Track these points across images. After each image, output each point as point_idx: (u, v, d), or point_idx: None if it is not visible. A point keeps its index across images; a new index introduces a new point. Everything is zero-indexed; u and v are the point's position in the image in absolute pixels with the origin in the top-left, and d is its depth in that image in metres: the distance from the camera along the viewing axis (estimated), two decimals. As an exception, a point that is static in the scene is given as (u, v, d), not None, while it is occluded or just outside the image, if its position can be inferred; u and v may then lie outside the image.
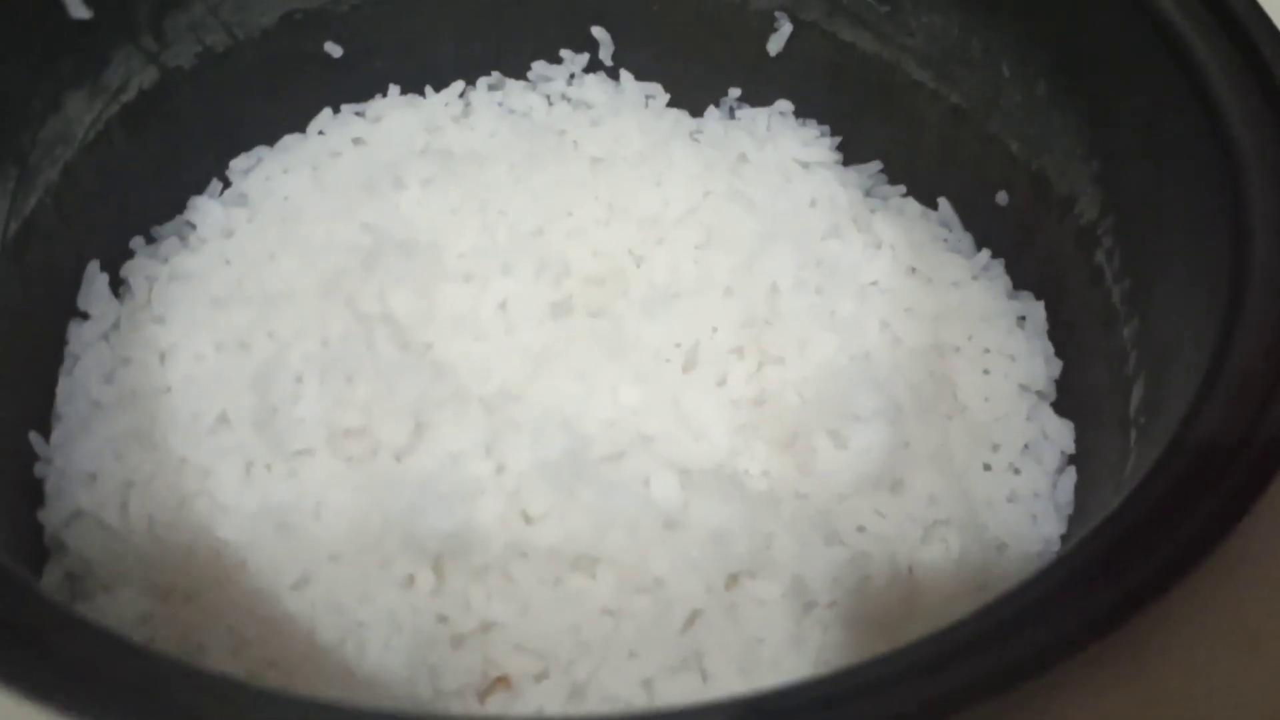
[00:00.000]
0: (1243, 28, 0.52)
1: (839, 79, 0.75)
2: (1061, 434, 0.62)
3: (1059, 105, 0.63)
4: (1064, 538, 0.59)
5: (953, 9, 0.67)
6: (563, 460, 0.57)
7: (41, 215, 0.61)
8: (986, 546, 0.59)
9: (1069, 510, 0.60)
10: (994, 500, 0.61)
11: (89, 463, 0.59)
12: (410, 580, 0.56)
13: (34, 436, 0.60)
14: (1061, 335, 0.66)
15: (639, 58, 0.79)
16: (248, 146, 0.75)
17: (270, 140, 0.76)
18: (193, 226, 0.72)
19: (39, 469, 0.60)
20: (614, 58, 0.79)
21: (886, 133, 0.75)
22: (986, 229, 0.72)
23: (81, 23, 0.61)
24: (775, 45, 0.76)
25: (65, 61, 0.61)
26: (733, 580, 0.55)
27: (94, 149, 0.64)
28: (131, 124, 0.66)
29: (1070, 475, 0.61)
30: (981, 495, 0.61)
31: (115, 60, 0.64)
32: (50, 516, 0.59)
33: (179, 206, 0.72)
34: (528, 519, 0.56)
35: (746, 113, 0.79)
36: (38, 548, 0.58)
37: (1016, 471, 0.62)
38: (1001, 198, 0.69)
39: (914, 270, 0.69)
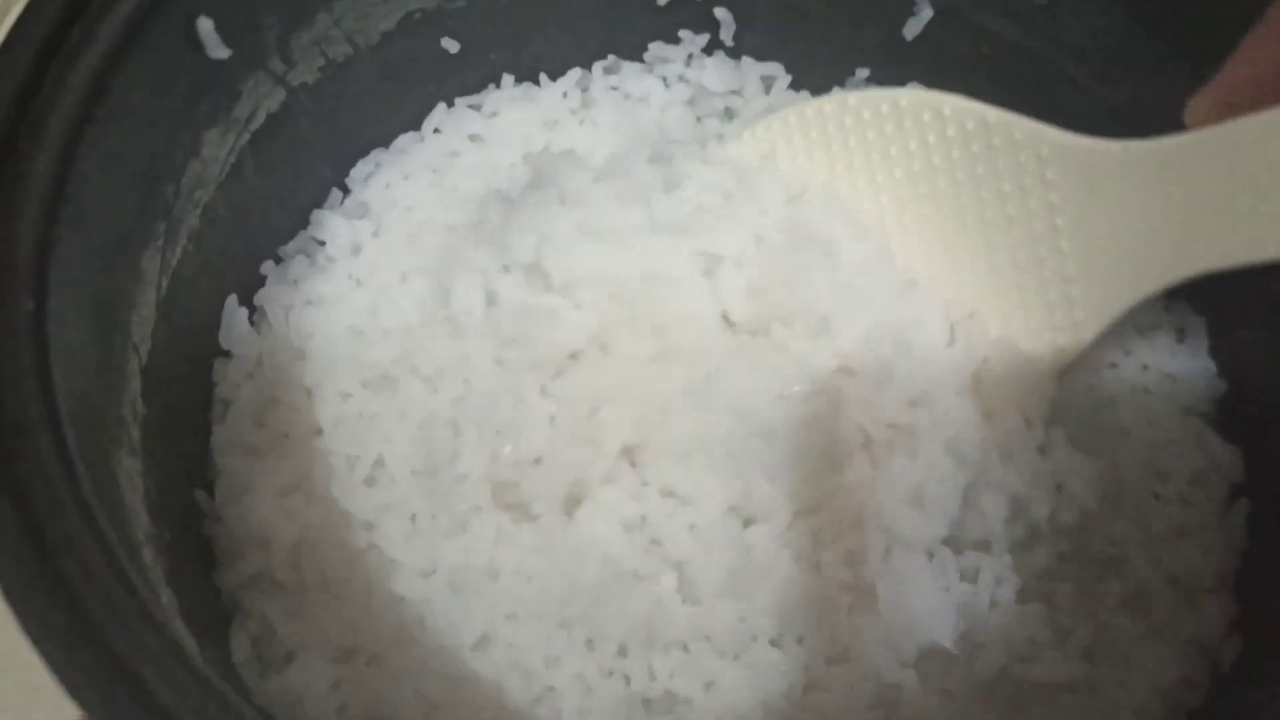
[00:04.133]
0: None
1: (979, 68, 0.71)
2: (1230, 462, 0.62)
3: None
4: (1238, 574, 0.59)
5: (1116, 8, 0.64)
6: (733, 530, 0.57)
7: (185, 263, 0.59)
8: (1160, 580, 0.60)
9: (1242, 545, 0.60)
10: (1165, 533, 0.61)
11: (258, 523, 0.59)
12: (591, 644, 0.56)
13: (200, 495, 0.59)
14: (1225, 353, 0.65)
15: (761, 38, 0.76)
16: (364, 151, 0.72)
17: (385, 142, 0.73)
18: (320, 243, 0.69)
19: (207, 527, 0.59)
20: (735, 37, 0.76)
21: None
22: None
23: (217, 61, 0.57)
24: (912, 30, 0.72)
25: (203, 103, 0.58)
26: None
27: (227, 184, 0.62)
28: (259, 150, 0.64)
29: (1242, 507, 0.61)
30: (1155, 528, 0.60)
31: (246, 90, 0.61)
32: (225, 579, 0.58)
33: (302, 222, 0.70)
34: (702, 595, 0.56)
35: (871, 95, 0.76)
36: (217, 611, 0.58)
37: (1186, 502, 0.61)
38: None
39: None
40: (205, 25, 0.56)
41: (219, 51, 0.57)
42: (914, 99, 0.62)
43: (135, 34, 0.51)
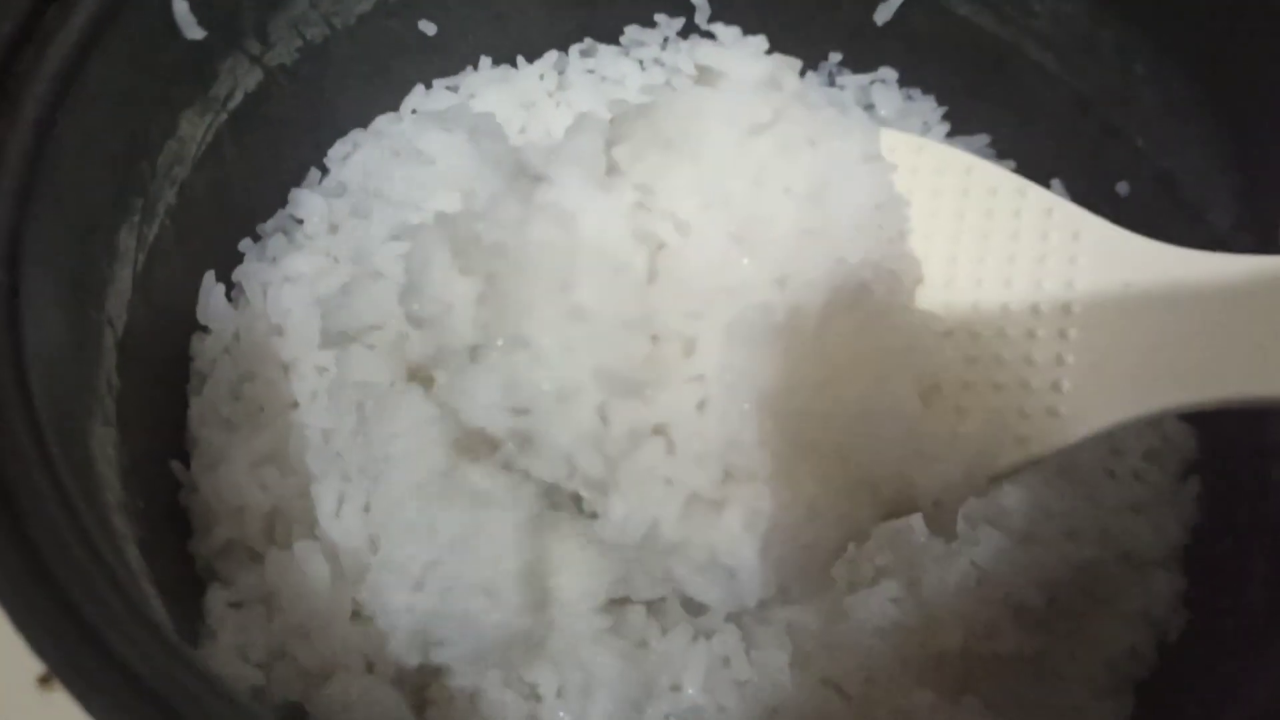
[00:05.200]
0: None
1: (948, 53, 0.73)
2: (1184, 440, 0.63)
3: (1198, 113, 0.61)
4: (1188, 550, 0.61)
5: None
6: None
7: (162, 239, 0.60)
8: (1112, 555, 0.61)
9: (1193, 521, 0.62)
10: (1119, 508, 0.62)
11: (232, 493, 0.60)
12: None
13: (176, 465, 0.61)
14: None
15: (735, 22, 0.77)
16: (343, 131, 0.73)
17: (364, 122, 0.74)
18: (298, 222, 0.71)
19: (183, 497, 0.61)
20: (709, 21, 0.77)
21: (995, 110, 0.73)
22: (1100, 214, 0.71)
23: (193, 42, 0.59)
24: (883, 15, 0.73)
25: (179, 83, 0.59)
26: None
27: (204, 162, 0.63)
28: (238, 129, 0.65)
29: (1193, 484, 0.62)
30: (1109, 503, 0.62)
31: (223, 71, 0.62)
32: (200, 547, 0.60)
33: (281, 200, 0.71)
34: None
35: (848, 79, 0.77)
36: (191, 578, 0.60)
37: (1139, 478, 0.63)
38: (1123, 188, 0.68)
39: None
40: (180, 7, 0.57)
41: (194, 33, 0.58)
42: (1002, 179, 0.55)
43: (111, 15, 0.53)
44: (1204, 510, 0.62)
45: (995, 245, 0.53)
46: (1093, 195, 0.70)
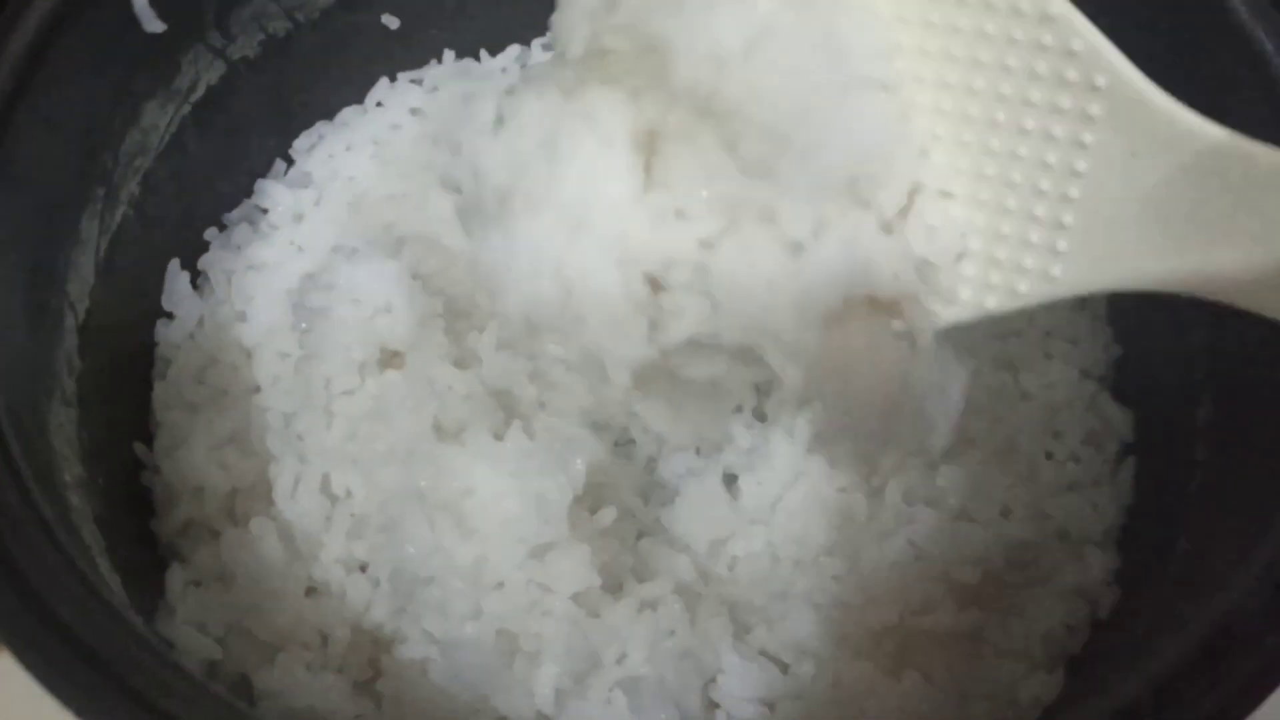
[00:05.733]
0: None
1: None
2: (1121, 422, 0.65)
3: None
4: (1122, 529, 0.63)
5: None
6: None
7: (126, 227, 0.62)
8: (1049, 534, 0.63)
9: (1128, 501, 0.63)
10: (1056, 488, 0.64)
11: (193, 473, 0.62)
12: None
13: (139, 447, 0.63)
14: (1122, 320, 0.68)
15: None
16: (308, 123, 0.75)
17: (329, 114, 0.76)
18: (263, 211, 0.72)
19: (145, 478, 0.63)
20: (669, 15, 0.78)
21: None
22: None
23: (153, 35, 0.60)
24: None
25: (141, 75, 0.61)
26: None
27: (168, 153, 0.65)
28: (201, 121, 0.67)
29: (1129, 465, 0.64)
30: (1045, 482, 0.63)
31: (185, 63, 0.64)
32: (162, 526, 0.62)
33: (246, 191, 0.73)
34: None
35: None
36: (154, 556, 0.61)
37: (1077, 460, 0.64)
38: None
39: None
40: (139, 0, 0.58)
41: (154, 26, 0.60)
42: None
43: (71, 8, 0.54)
44: (1138, 491, 0.63)
45: (1012, 85, 0.49)
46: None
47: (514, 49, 0.78)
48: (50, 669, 0.38)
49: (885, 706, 0.58)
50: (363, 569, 0.59)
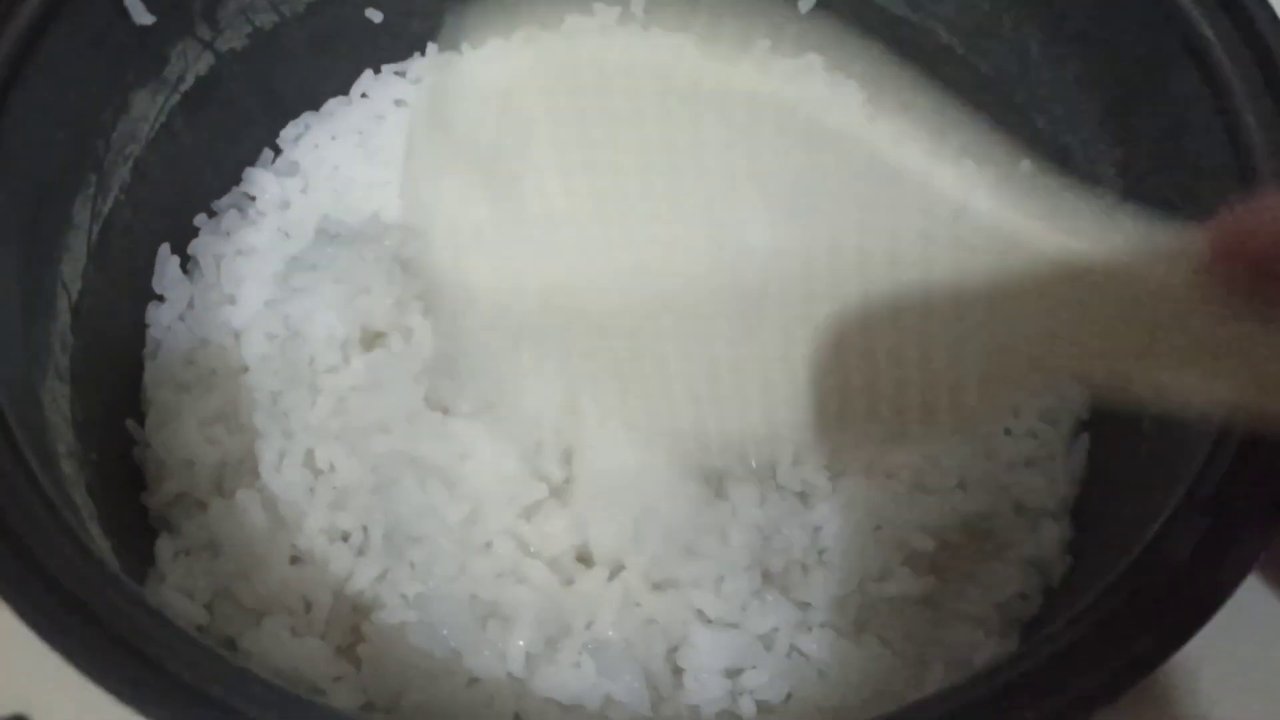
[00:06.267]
0: (1267, 47, 0.55)
1: (870, 39, 0.77)
2: (1078, 399, 0.68)
3: (1087, 90, 0.65)
4: (1077, 501, 0.65)
5: (983, -17, 0.69)
6: None
7: (117, 212, 0.65)
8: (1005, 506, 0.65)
9: (1082, 475, 0.66)
10: (1013, 463, 0.66)
11: (183, 448, 0.64)
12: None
13: (130, 424, 0.65)
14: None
15: (670, 10, 0.81)
16: (294, 113, 0.77)
17: (315, 105, 0.78)
18: (250, 198, 0.75)
19: (137, 453, 0.65)
20: (645, 10, 0.81)
21: (913, 92, 0.77)
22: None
23: (143, 27, 0.63)
24: (806, 4, 0.77)
25: (131, 65, 0.64)
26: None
27: (158, 141, 0.67)
28: (190, 110, 0.69)
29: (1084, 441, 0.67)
30: (1003, 458, 0.66)
31: (174, 54, 0.67)
32: (152, 500, 0.64)
33: (235, 178, 0.75)
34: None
35: (777, 65, 0.81)
36: (144, 528, 0.64)
37: (1034, 436, 0.67)
38: (1025, 166, 0.72)
39: (940, 232, 0.73)
40: (128, -8, 0.61)
41: (143, 18, 0.62)
42: None
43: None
44: (1091, 464, 0.66)
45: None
46: (1000, 174, 0.75)
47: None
48: (44, 621, 0.40)
49: (845, 670, 0.60)
50: (345, 538, 0.61)
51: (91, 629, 0.40)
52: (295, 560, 0.61)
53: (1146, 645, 0.43)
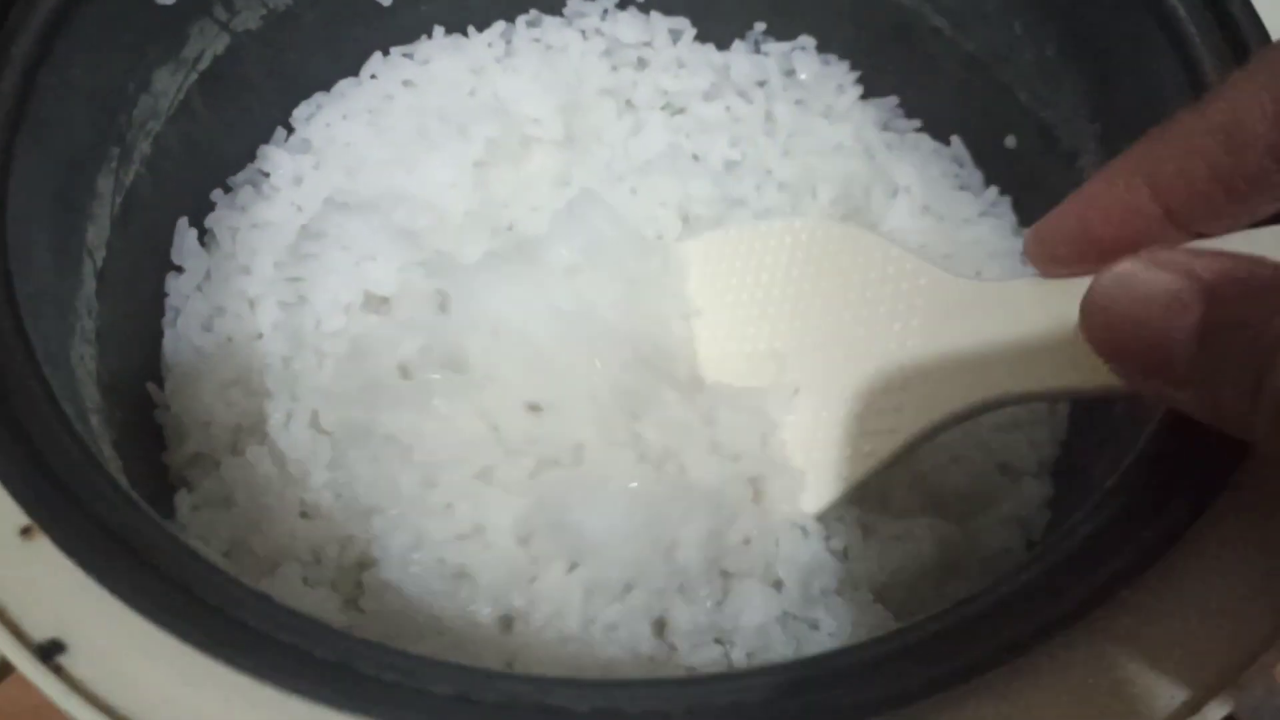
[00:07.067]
0: (1237, 26, 0.57)
1: (859, 19, 0.80)
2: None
3: (1067, 67, 0.68)
4: (1057, 461, 0.68)
5: (969, -37, 0.72)
6: None
7: (139, 186, 0.68)
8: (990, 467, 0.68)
9: (1063, 437, 0.69)
10: (999, 427, 0.69)
11: (201, 410, 0.67)
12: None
13: (151, 387, 0.68)
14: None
15: (669, -6, 0.84)
16: (307, 94, 0.80)
17: (327, 86, 0.81)
18: (265, 175, 0.78)
19: (158, 415, 0.68)
20: (645, -7, 0.84)
21: (902, 73, 0.80)
22: (995, 168, 0.78)
23: (164, 7, 0.66)
24: (800, -14, 0.80)
25: (152, 44, 0.67)
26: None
27: (177, 118, 0.70)
28: (207, 89, 0.72)
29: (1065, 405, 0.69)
30: (989, 422, 0.69)
31: (193, 34, 0.69)
32: (173, 458, 0.67)
33: (250, 155, 0.78)
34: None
35: (772, 46, 0.84)
36: (165, 485, 0.67)
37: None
38: (1010, 141, 0.75)
39: (926, 209, 0.76)
40: (151, -26, 0.64)
41: (164, -1, 0.65)
42: (840, 233, 0.63)
43: (90, -20, 0.60)
44: (1071, 426, 0.69)
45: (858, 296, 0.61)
46: (986, 149, 0.78)
47: (500, 25, 0.83)
48: (84, 550, 0.43)
49: (838, 624, 0.63)
50: (338, 496, 0.64)
51: (127, 558, 0.43)
52: (304, 515, 0.64)
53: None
